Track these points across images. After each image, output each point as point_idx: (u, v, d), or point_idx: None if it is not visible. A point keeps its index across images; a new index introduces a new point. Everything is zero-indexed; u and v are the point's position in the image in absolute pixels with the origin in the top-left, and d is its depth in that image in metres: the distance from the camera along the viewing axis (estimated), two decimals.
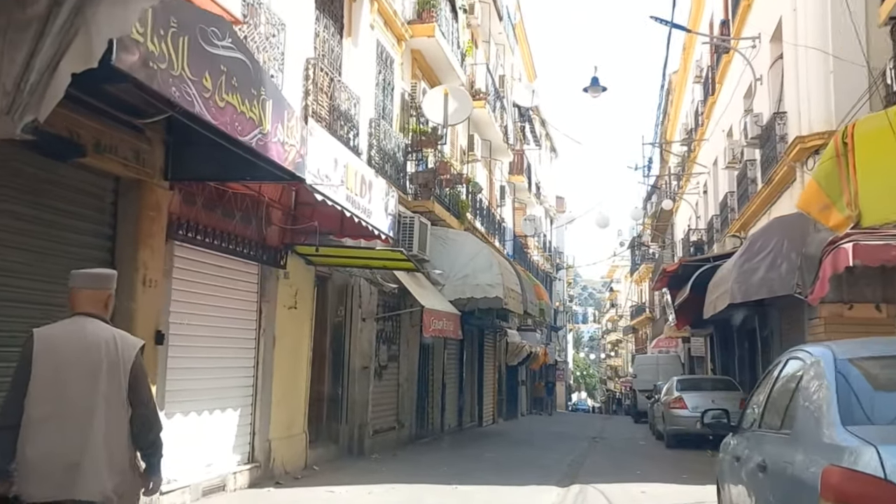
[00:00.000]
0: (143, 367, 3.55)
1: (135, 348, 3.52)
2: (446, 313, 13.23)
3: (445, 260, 14.45)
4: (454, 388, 18.65)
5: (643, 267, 53.62)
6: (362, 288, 12.12)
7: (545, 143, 38.60)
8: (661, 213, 39.22)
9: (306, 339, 10.49)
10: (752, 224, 17.15)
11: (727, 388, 16.20)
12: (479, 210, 19.21)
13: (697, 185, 27.01)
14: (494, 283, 14.18)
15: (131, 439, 3.47)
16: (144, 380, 3.55)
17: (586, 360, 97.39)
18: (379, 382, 13.01)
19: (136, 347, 3.54)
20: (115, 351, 3.44)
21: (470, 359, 20.79)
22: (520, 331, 29.15)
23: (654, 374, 27.87)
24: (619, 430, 23.93)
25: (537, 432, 20.78)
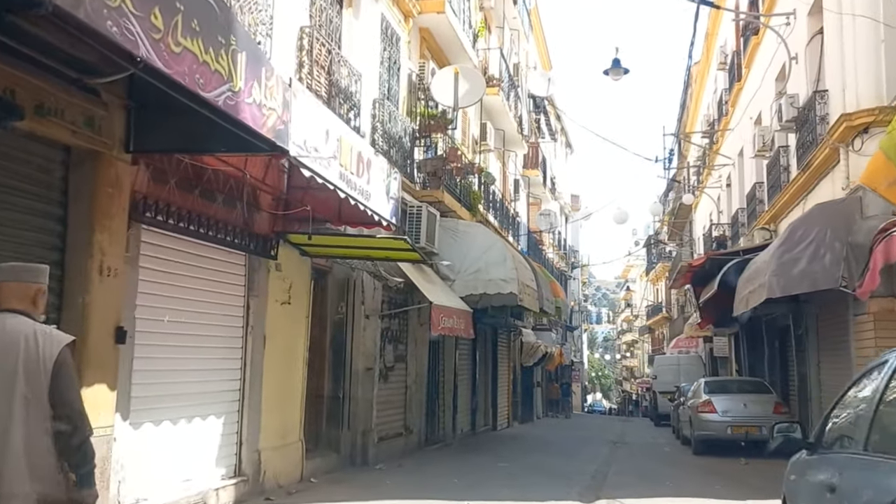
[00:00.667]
0: (67, 366, 3.21)
1: (60, 345, 3.20)
2: (457, 310, 12.17)
3: (456, 253, 13.39)
4: (466, 390, 17.58)
5: (659, 266, 52.36)
6: (365, 283, 11.08)
7: (560, 138, 37.46)
8: (680, 210, 37.97)
9: (302, 338, 9.46)
10: (784, 215, 15.97)
11: (759, 391, 15.03)
12: (493, 202, 18.12)
13: (720, 179, 25.81)
14: (509, 277, 13.11)
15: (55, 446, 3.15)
16: (69, 380, 3.21)
17: (601, 361, 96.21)
18: (384, 385, 11.97)
19: (62, 344, 3.21)
20: (35, 348, 3.14)
21: (483, 359, 19.71)
22: (535, 330, 28.04)
23: (675, 375, 26.68)
24: (639, 433, 22.77)
25: (554, 436, 19.67)
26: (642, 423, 32.36)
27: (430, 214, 12.25)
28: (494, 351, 20.66)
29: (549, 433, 21.35)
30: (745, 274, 13.61)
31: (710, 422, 14.37)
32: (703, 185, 27.81)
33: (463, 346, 16.95)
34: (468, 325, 12.77)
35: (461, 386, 16.90)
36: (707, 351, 28.71)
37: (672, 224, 39.67)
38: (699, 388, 15.57)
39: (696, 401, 15.11)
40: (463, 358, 17.06)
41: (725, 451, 13.96)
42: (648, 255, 56.98)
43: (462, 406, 16.89)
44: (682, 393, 20.11)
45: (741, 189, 21.73)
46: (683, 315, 38.77)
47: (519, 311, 19.31)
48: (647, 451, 16.13)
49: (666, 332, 51.88)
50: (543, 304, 15.77)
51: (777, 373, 16.87)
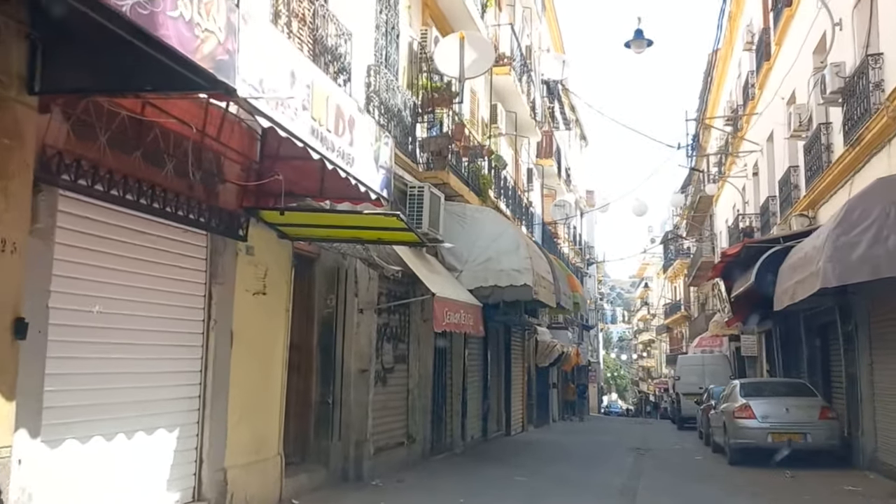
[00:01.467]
0: None
1: None
2: (464, 304, 10.74)
3: (463, 241, 11.97)
4: (477, 392, 16.14)
5: (677, 263, 50.66)
6: (359, 272, 9.68)
7: (575, 129, 35.93)
8: (700, 203, 36.35)
9: (281, 335, 8.06)
10: (826, 200, 14.41)
11: (802, 394, 13.47)
12: (504, 189, 16.65)
13: (745, 168, 24.25)
14: (523, 268, 11.66)
15: None
16: None
17: (616, 362, 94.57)
18: (383, 388, 10.56)
19: None
20: None
21: (495, 359, 18.26)
22: (550, 329, 26.56)
23: (700, 376, 25.08)
24: (663, 438, 21.21)
25: (573, 443, 18.18)
26: (663, 426, 30.75)
27: (434, 196, 10.83)
28: (507, 350, 19.20)
29: (566, 439, 19.86)
30: (788, 262, 12.09)
31: (747, 429, 12.84)
32: (726, 174, 26.21)
33: (472, 345, 15.51)
34: (477, 321, 11.34)
35: (471, 388, 15.47)
36: (733, 350, 27.10)
37: (691, 218, 38.04)
38: (734, 391, 14.03)
39: (731, 405, 13.58)
40: (472, 358, 15.62)
41: (765, 461, 12.45)
42: (666, 253, 55.33)
43: (472, 410, 15.45)
44: (711, 395, 18.56)
45: (771, 176, 20.16)
46: (705, 313, 37.09)
47: (533, 307, 17.85)
48: (675, 460, 14.62)
49: (685, 332, 50.18)
50: (561, 298, 14.31)
51: (818, 373, 15.29)
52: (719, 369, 24.96)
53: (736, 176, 25.07)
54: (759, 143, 21.38)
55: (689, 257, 46.00)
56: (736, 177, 24.99)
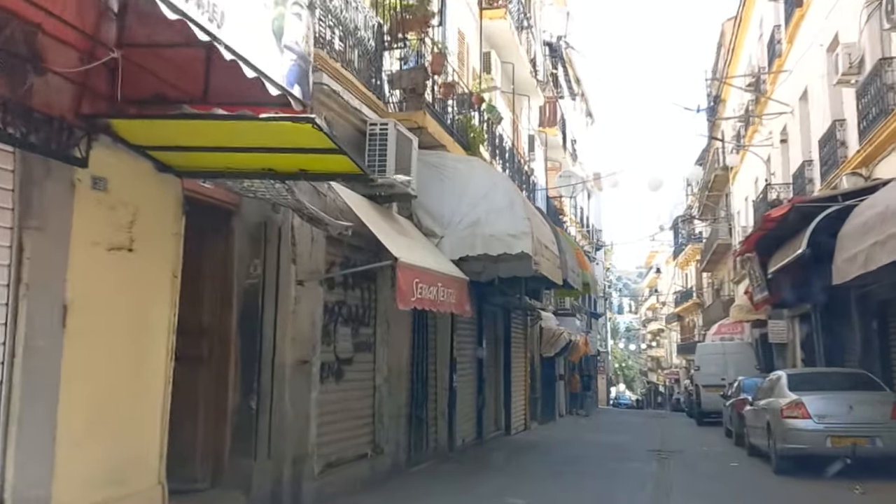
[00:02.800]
0: None
1: None
2: (443, 276, 8.19)
3: (445, 199, 9.42)
4: (470, 387, 13.60)
5: (689, 248, 47.95)
6: (298, 231, 7.13)
7: (580, 104, 33.24)
8: (715, 183, 33.67)
9: (163, 312, 5.53)
10: (889, 151, 11.80)
11: (866, 387, 10.85)
12: (500, 148, 14.03)
13: (770, 136, 21.59)
14: (519, 232, 9.09)
15: None
16: None
17: (624, 352, 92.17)
18: (336, 386, 8.02)
19: None
20: None
21: (492, 348, 15.71)
22: (557, 315, 24.00)
23: (721, 366, 22.45)
24: (684, 436, 18.61)
25: (582, 444, 15.62)
26: (678, 420, 28.15)
27: (402, 137, 8.27)
28: (507, 338, 16.64)
29: (575, 438, 17.29)
30: (855, 222, 9.49)
31: (800, 431, 10.24)
32: (747, 144, 23.52)
33: (463, 331, 12.97)
34: (462, 297, 8.78)
35: (463, 383, 12.93)
36: (756, 338, 24.44)
37: (706, 199, 35.33)
38: (780, 385, 11.42)
39: (776, 402, 10.97)
40: (463, 347, 13.07)
41: (820, 471, 9.89)
42: (676, 238, 52.68)
43: (463, 409, 12.91)
44: (741, 388, 15.95)
45: (805, 139, 17.51)
46: (721, 299, 34.43)
47: (536, 286, 15.28)
48: (707, 467, 12.04)
49: (697, 320, 47.51)
50: (568, 275, 11.72)
51: (876, 362, 12.67)
52: (743, 359, 22.31)
53: (759, 145, 22.41)
54: (790, 104, 18.72)
55: (701, 242, 43.38)
56: (760, 146, 22.32)
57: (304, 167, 5.24)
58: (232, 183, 5.84)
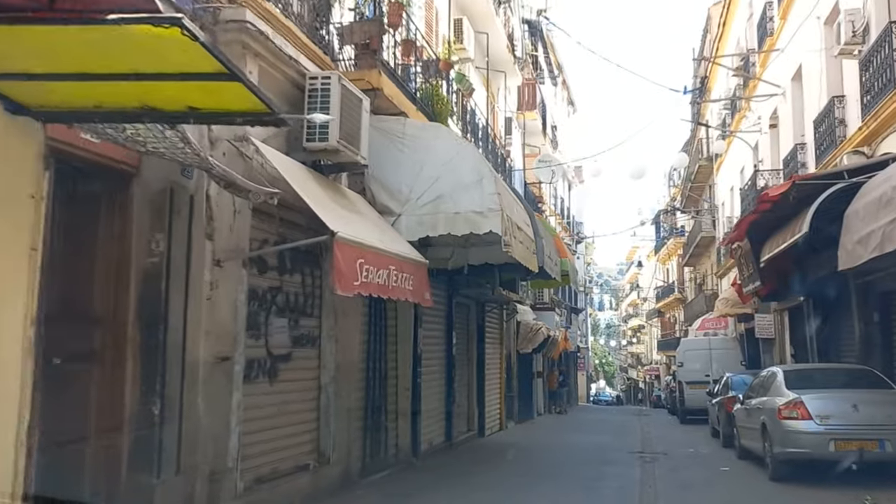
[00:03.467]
0: None
1: None
2: (397, 258, 6.98)
3: (403, 172, 8.20)
4: (438, 385, 12.42)
5: (671, 242, 47.16)
6: (215, 200, 5.90)
7: (562, 91, 32.13)
8: (698, 174, 32.74)
9: (16, 297, 4.27)
10: (891, 130, 10.78)
11: (871, 385, 9.80)
12: (473, 125, 12.81)
13: (758, 121, 20.60)
14: (487, 209, 7.89)
15: None
16: None
17: (604, 348, 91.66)
18: (269, 386, 6.80)
19: None
20: None
21: (464, 343, 14.55)
22: (535, 310, 22.90)
23: (706, 362, 21.46)
24: (668, 436, 17.57)
25: (561, 445, 14.50)
26: (661, 417, 27.19)
27: (349, 94, 7.04)
28: (481, 333, 15.47)
29: (553, 439, 16.17)
30: (865, 200, 8.41)
31: (800, 433, 9.16)
32: (734, 130, 22.53)
33: (430, 324, 11.79)
34: (421, 285, 7.59)
35: (430, 381, 11.76)
36: (741, 332, 23.49)
37: (688, 190, 34.41)
38: (776, 382, 10.33)
39: (773, 401, 9.89)
40: (431, 341, 11.89)
41: (822, 477, 8.83)
42: (658, 232, 51.90)
43: (430, 410, 11.73)
44: (729, 386, 14.91)
45: (798, 121, 16.50)
46: (703, 293, 33.54)
47: (511, 277, 14.13)
48: (696, 472, 10.95)
49: (679, 315, 46.72)
50: (544, 261, 10.56)
51: (876, 357, 11.65)
52: (728, 354, 21.33)
53: (747, 131, 21.43)
54: (782, 86, 17.72)
55: (683, 236, 42.55)
56: (747, 132, 21.34)
57: (192, 103, 4.01)
58: (114, 132, 4.59)
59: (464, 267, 10.74)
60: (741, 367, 20.32)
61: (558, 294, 29.00)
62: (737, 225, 12.93)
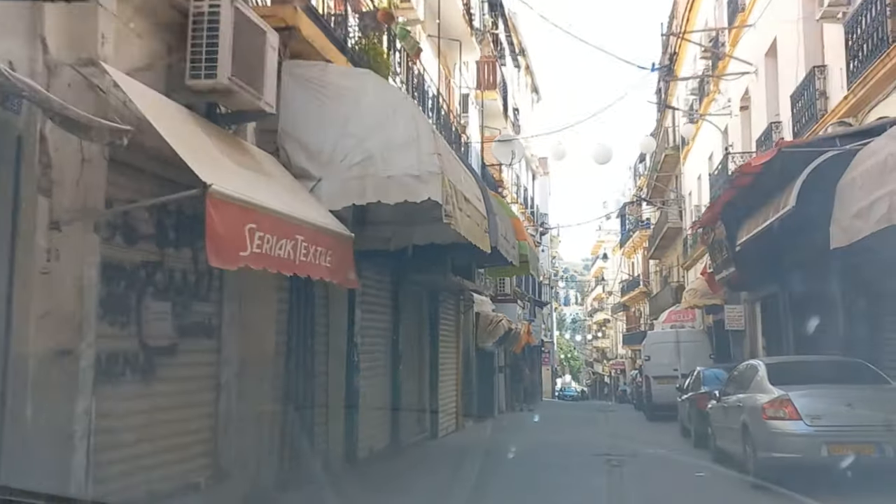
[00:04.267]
0: None
1: None
2: (307, 227, 5.60)
3: (325, 128, 6.80)
4: (382, 383, 11.07)
5: (637, 235, 46.36)
6: (54, 143, 4.45)
7: (525, 79, 30.92)
8: (664, 164, 31.80)
9: None
10: (887, 93, 9.68)
11: (865, 379, 8.68)
12: (419, 89, 11.42)
13: (728, 104, 19.59)
14: (425, 172, 6.53)
15: None
16: None
17: (570, 343, 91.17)
18: (143, 387, 5.37)
19: None
20: None
21: (415, 336, 13.22)
22: (496, 301, 21.66)
23: (674, 356, 20.39)
24: (635, 434, 16.44)
25: (519, 448, 13.22)
26: (626, 413, 26.16)
27: (247, 24, 5.61)
28: (434, 326, 14.14)
29: (512, 440, 14.89)
30: (865, 167, 7.24)
31: (788, 436, 7.99)
32: (703, 113, 21.51)
33: (373, 312, 10.42)
34: (342, 262, 6.21)
35: (371, 377, 10.40)
36: (709, 325, 22.49)
37: (654, 180, 33.48)
38: (757, 376, 9.16)
39: (756, 398, 8.70)
40: (373, 333, 10.52)
41: (813, 486, 7.67)
42: (623, 225, 51.14)
43: (372, 410, 10.36)
44: (701, 381, 13.80)
45: (772, 99, 15.46)
46: (669, 285, 32.62)
47: (465, 263, 12.83)
48: (667, 480, 9.75)
49: (644, 309, 45.92)
50: (499, 242, 9.22)
51: (862, 350, 10.57)
52: (697, 347, 20.29)
53: (717, 114, 20.42)
54: (754, 63, 16.69)
55: (649, 228, 41.76)
56: (717, 114, 20.32)
57: None
58: None
59: (407, 248, 9.38)
60: (710, 360, 19.32)
61: (521, 286, 27.81)
62: (711, 206, 11.78)
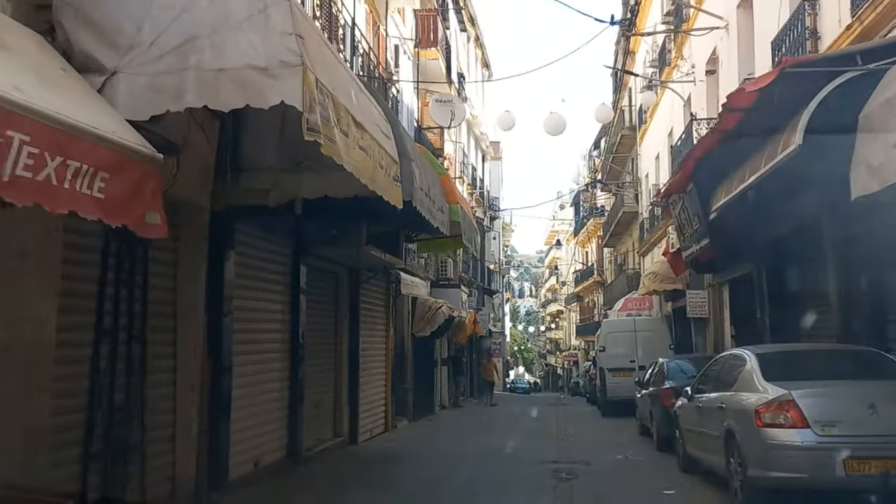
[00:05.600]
0: None
1: None
2: (77, 135, 3.22)
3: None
4: (276, 380, 8.69)
5: (591, 223, 44.68)
6: None
7: (475, 51, 28.68)
8: (620, 145, 29.96)
9: None
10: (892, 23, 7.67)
11: (884, 374, 6.64)
12: (328, 15, 8.94)
13: (692, 71, 17.67)
14: (278, 61, 4.20)
15: None
16: None
17: (524, 334, 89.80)
18: None
19: None
20: None
21: (328, 323, 10.87)
22: (438, 287, 19.45)
23: (631, 346, 18.45)
24: (589, 435, 14.36)
25: (453, 455, 11.00)
26: (579, 407, 24.25)
27: None
28: (355, 310, 11.80)
29: (447, 445, 12.65)
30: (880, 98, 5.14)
31: (791, 449, 5.90)
32: (664, 81, 19.55)
33: (260, 291, 8.05)
34: (133, 196, 3.84)
35: (256, 374, 8.04)
36: (666, 313, 20.61)
37: (610, 162, 31.63)
38: (745, 369, 7.03)
39: (745, 398, 6.60)
40: (262, 316, 8.14)
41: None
42: (577, 212, 49.47)
43: (255, 415, 8.00)
44: (666, 374, 11.76)
45: (746, 55, 13.50)
46: (625, 273, 30.85)
47: (390, 234, 10.53)
48: (630, 500, 7.62)
49: (598, 299, 44.27)
50: (416, 195, 6.94)
51: (863, 336, 8.59)
52: (656, 337, 18.37)
53: (679, 81, 18.47)
54: (724, 17, 14.73)
55: (603, 215, 40.10)
56: (680, 81, 18.38)
57: None
58: None
59: (294, 203, 7.04)
60: (670, 351, 17.44)
61: (469, 272, 25.65)
62: (682, 164, 9.63)
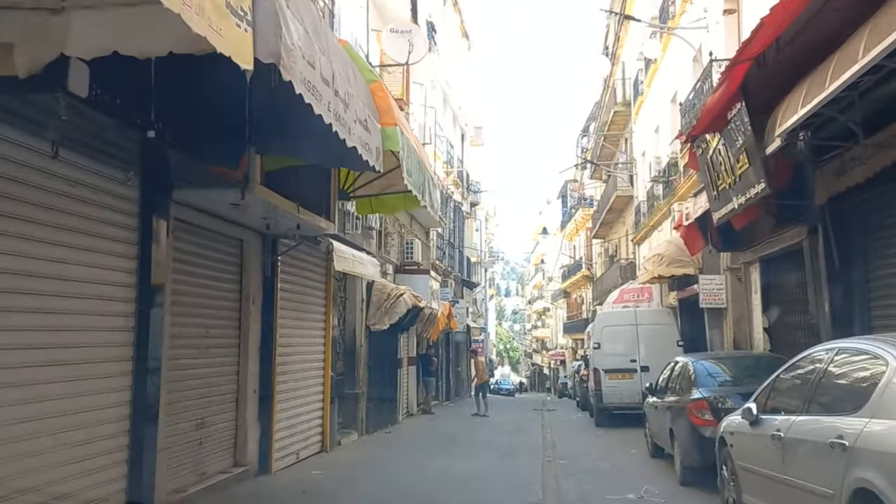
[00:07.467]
0: None
1: None
2: None
3: None
4: (121, 392, 5.46)
5: (579, 214, 41.70)
6: None
7: (454, 14, 25.48)
8: (613, 123, 26.94)
9: None
10: None
11: None
12: None
13: (704, 15, 14.62)
14: None
15: None
16: None
17: (510, 333, 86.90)
18: None
19: None
20: None
21: (234, 311, 7.65)
22: (402, 273, 16.28)
23: (632, 343, 15.29)
24: (583, 454, 11.10)
25: (394, 489, 7.78)
26: (568, 414, 21.15)
27: None
28: (270, 292, 8.57)
29: (391, 472, 9.34)
30: None
31: None
32: (671, 27, 16.43)
33: (62, 243, 4.82)
34: None
35: (60, 385, 4.81)
36: (670, 305, 17.50)
37: (603, 141, 28.55)
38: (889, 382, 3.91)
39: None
40: (86, 296, 4.91)
41: None
42: (565, 203, 46.49)
43: (50, 449, 4.76)
44: (694, 381, 8.55)
45: None
46: (617, 263, 27.83)
47: (292, 163, 7.32)
48: None
49: (586, 295, 41.26)
50: (289, 60, 3.79)
51: None
52: (663, 332, 15.21)
53: (688, 28, 15.40)
54: None
55: (592, 206, 37.17)
56: (690, 28, 15.30)
57: None
58: None
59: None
60: (678, 348, 14.36)
61: (444, 260, 22.47)
62: (727, 70, 6.34)
